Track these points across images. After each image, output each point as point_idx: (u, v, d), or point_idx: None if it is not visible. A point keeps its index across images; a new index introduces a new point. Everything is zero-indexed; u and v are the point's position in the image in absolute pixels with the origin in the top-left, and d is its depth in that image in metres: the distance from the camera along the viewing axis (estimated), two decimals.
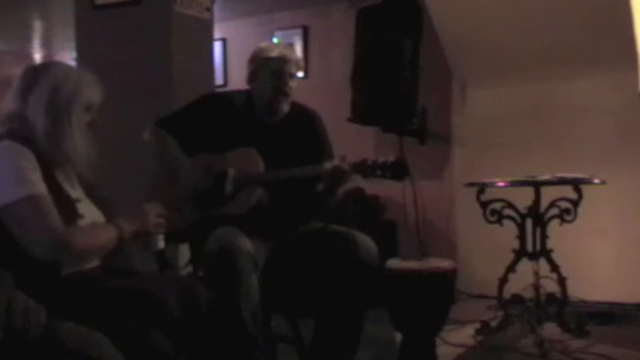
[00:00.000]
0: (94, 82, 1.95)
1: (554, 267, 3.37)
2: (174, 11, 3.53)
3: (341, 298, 2.44)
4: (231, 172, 2.49)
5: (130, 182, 3.03)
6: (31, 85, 1.85)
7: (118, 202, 2.11)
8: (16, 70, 1.93)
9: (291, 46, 4.45)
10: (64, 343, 1.45)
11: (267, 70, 2.58)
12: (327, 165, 2.36)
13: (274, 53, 2.60)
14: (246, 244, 2.31)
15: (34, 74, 1.87)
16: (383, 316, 2.71)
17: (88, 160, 1.91)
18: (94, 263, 1.90)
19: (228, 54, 5.78)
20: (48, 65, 1.93)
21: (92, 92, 1.92)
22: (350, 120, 4.53)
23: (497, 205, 3.39)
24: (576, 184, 3.34)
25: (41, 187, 1.75)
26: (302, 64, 2.69)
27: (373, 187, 4.65)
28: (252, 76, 2.64)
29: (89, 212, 1.90)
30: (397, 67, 4.34)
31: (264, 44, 2.73)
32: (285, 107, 2.61)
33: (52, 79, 1.85)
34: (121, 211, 2.07)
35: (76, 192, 1.92)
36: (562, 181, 3.30)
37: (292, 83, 2.60)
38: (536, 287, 3.30)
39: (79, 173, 1.98)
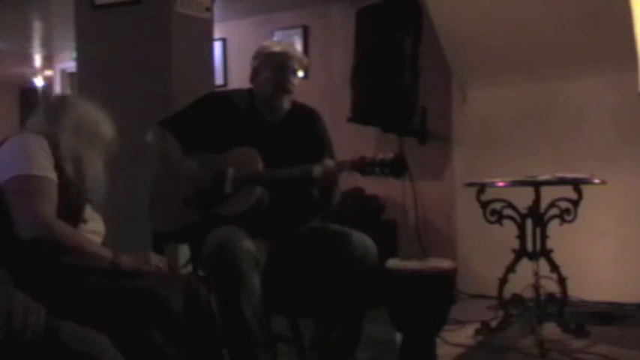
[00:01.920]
0: (109, 121, 2.09)
1: (554, 267, 3.36)
2: (174, 11, 3.53)
3: (340, 297, 2.44)
4: (230, 171, 2.49)
5: (131, 183, 3.03)
6: (59, 113, 2.01)
7: (119, 201, 2.12)
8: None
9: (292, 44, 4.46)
10: (64, 343, 1.45)
11: (270, 65, 2.59)
12: (317, 167, 2.34)
13: (277, 49, 2.62)
14: (246, 242, 2.31)
15: (62, 104, 2.05)
16: (383, 316, 2.71)
17: (102, 191, 2.03)
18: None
19: (228, 54, 5.79)
20: (74, 99, 2.10)
21: (108, 130, 2.07)
22: (350, 120, 4.53)
23: (497, 205, 3.39)
24: (576, 184, 3.34)
25: (47, 172, 1.85)
26: (305, 61, 2.69)
27: (373, 186, 4.65)
28: (255, 73, 2.65)
29: (93, 219, 1.97)
30: (397, 67, 4.34)
31: (267, 41, 2.74)
32: (287, 104, 2.61)
33: (78, 112, 2.02)
34: (122, 212, 2.07)
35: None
36: (562, 181, 3.30)
37: (295, 80, 2.61)
38: (536, 287, 3.30)
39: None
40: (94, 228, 1.98)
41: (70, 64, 7.02)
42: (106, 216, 2.15)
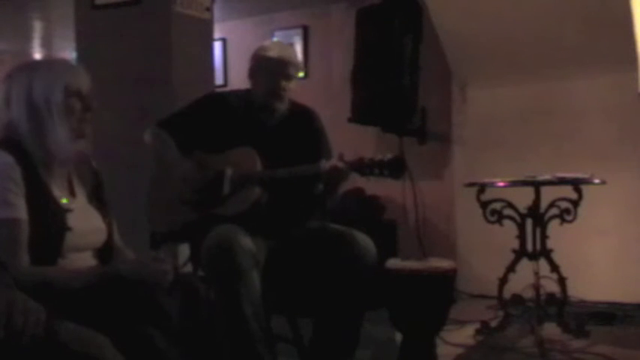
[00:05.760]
0: (73, 68, 1.89)
1: (554, 267, 3.36)
2: (175, 11, 3.53)
3: (340, 297, 2.44)
4: (229, 171, 2.50)
5: (130, 182, 3.04)
6: (10, 89, 1.80)
7: (117, 201, 2.11)
8: None
9: (291, 45, 4.46)
10: (64, 344, 1.44)
11: (265, 70, 2.59)
12: (324, 163, 2.37)
13: (273, 54, 2.60)
14: (246, 240, 2.31)
15: (11, 78, 1.82)
16: (383, 316, 2.71)
17: (69, 151, 1.81)
18: (92, 263, 1.89)
19: (228, 54, 5.78)
20: (21, 65, 1.86)
21: (72, 77, 1.83)
22: (350, 120, 4.53)
23: (497, 205, 3.38)
24: (576, 184, 3.34)
25: (11, 210, 1.69)
26: (301, 66, 2.70)
27: (373, 187, 4.65)
28: (251, 74, 2.66)
29: (83, 221, 1.83)
30: (397, 67, 4.34)
31: (266, 43, 2.74)
32: (281, 108, 2.62)
33: (25, 76, 1.80)
34: (121, 210, 2.06)
35: (72, 200, 1.86)
36: (562, 181, 3.30)
37: (289, 85, 2.60)
38: (536, 287, 3.30)
39: (84, 175, 1.95)
40: (90, 227, 1.88)
41: None
42: None
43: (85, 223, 1.86)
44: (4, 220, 1.69)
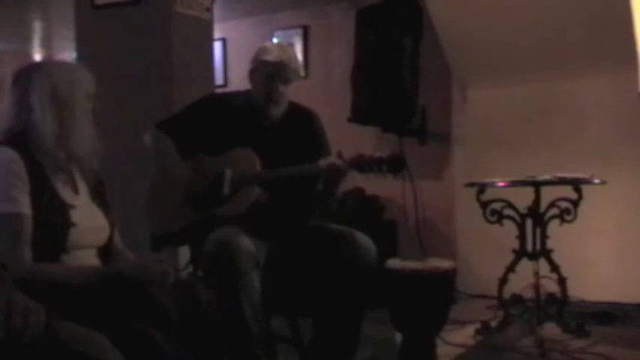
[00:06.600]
0: (86, 71, 1.92)
1: (554, 267, 3.37)
2: (174, 11, 3.53)
3: (340, 297, 2.44)
4: (228, 172, 2.50)
5: (130, 183, 3.04)
6: (28, 89, 1.81)
7: (118, 202, 2.11)
8: None
9: (291, 46, 4.46)
10: (64, 343, 1.44)
11: (262, 73, 2.58)
12: (323, 162, 2.36)
13: (271, 57, 2.59)
14: (245, 242, 2.31)
15: (28, 77, 1.83)
16: (383, 316, 2.71)
17: (93, 153, 1.87)
18: (95, 261, 1.89)
19: (228, 54, 5.78)
20: (38, 65, 1.88)
21: (88, 81, 1.88)
22: (350, 120, 4.53)
23: (497, 205, 3.39)
24: (576, 184, 3.34)
25: (14, 205, 1.70)
26: (300, 68, 2.69)
27: (373, 187, 4.65)
28: (251, 75, 2.66)
29: (86, 218, 1.84)
30: (397, 67, 4.34)
31: (267, 44, 2.73)
32: (278, 111, 2.61)
33: (48, 76, 1.82)
34: (122, 211, 2.06)
35: (75, 197, 1.87)
36: (562, 181, 3.30)
37: (286, 88, 2.59)
38: (536, 287, 3.30)
39: (86, 173, 1.95)
40: (93, 225, 1.89)
41: None
42: None
43: (89, 220, 1.86)
44: (6, 215, 1.69)
